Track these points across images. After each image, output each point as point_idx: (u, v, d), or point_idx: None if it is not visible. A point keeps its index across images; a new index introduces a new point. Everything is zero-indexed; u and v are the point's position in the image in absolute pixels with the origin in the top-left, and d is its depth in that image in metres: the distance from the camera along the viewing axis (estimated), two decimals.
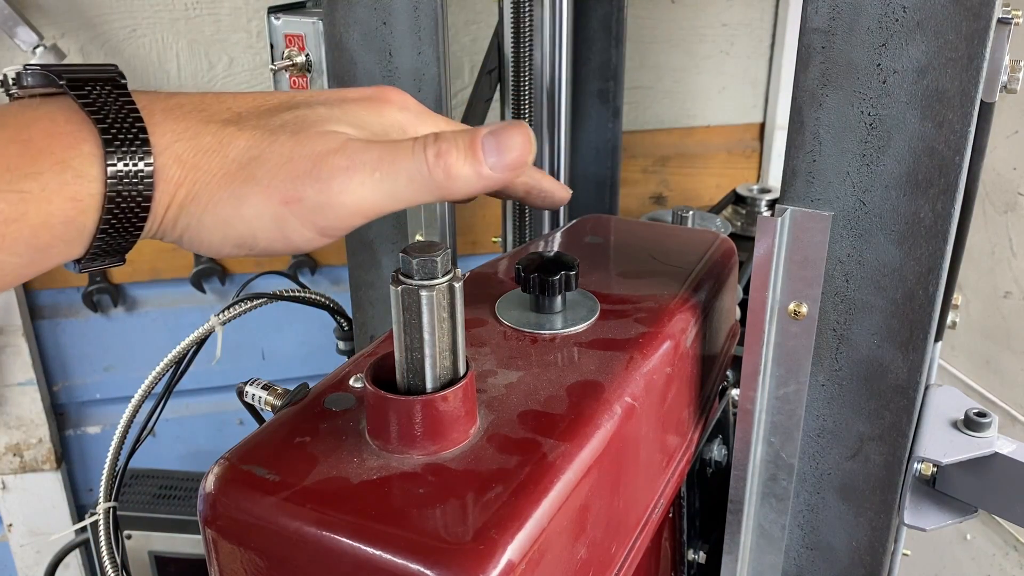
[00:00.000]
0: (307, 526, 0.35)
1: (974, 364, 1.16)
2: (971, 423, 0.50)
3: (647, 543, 0.47)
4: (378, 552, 0.33)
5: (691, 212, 0.96)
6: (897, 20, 0.41)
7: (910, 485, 0.49)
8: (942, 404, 0.52)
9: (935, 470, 0.48)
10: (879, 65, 0.42)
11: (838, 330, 0.48)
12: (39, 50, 1.04)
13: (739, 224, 1.15)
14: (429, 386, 0.37)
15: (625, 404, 0.43)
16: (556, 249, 0.53)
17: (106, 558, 0.57)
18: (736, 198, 1.20)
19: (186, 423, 1.36)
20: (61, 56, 1.06)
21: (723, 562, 0.55)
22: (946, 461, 0.48)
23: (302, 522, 0.35)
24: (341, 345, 0.78)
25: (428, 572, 0.32)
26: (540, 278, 0.48)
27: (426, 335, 0.36)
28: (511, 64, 0.79)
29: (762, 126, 1.42)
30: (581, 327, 0.49)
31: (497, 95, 0.85)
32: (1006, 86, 0.45)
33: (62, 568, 1.15)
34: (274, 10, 0.67)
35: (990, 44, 0.40)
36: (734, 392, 0.60)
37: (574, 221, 0.67)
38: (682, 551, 0.60)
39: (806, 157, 0.46)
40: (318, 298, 0.65)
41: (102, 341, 1.29)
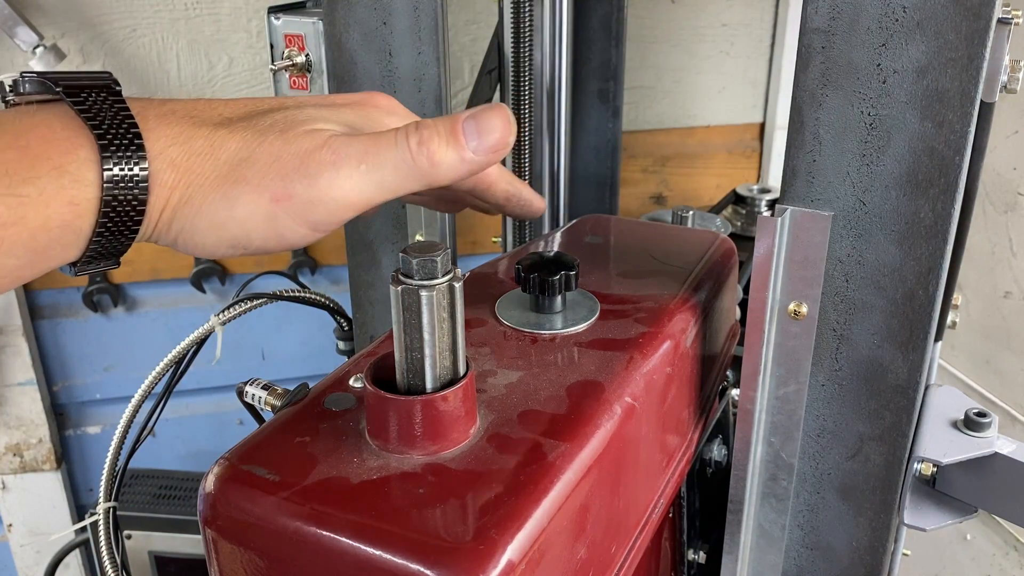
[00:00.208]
0: (307, 526, 0.35)
1: (974, 364, 1.16)
2: (971, 423, 0.50)
3: (647, 543, 0.47)
4: (378, 552, 0.33)
5: (691, 212, 0.96)
6: (897, 20, 0.41)
7: (910, 485, 0.49)
8: (942, 404, 0.52)
9: (935, 470, 0.48)
10: (879, 65, 0.42)
11: (838, 330, 0.48)
12: (39, 50, 1.04)
13: (739, 224, 1.15)
14: (429, 386, 0.37)
15: (625, 404, 0.43)
16: (556, 249, 0.53)
17: (106, 558, 0.57)
18: (736, 198, 1.20)
19: (186, 423, 1.36)
20: (61, 56, 1.06)
21: (723, 562, 0.55)
22: (946, 461, 0.48)
23: (302, 522, 0.35)
24: (341, 345, 0.78)
25: (428, 572, 0.32)
26: (540, 278, 0.48)
27: (426, 335, 0.36)
28: (511, 64, 0.79)
29: (762, 126, 1.42)
30: (581, 327, 0.49)
31: (497, 95, 0.85)
32: (1006, 86, 0.45)
33: (62, 568, 1.15)
34: (274, 10, 0.67)
35: (990, 44, 0.40)
36: (734, 392, 0.60)
37: (574, 221, 0.67)
38: (682, 551, 0.60)
39: (806, 157, 0.46)
40: (318, 298, 0.65)
41: (102, 341, 1.29)
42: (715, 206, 1.20)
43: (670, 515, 0.58)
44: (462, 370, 0.38)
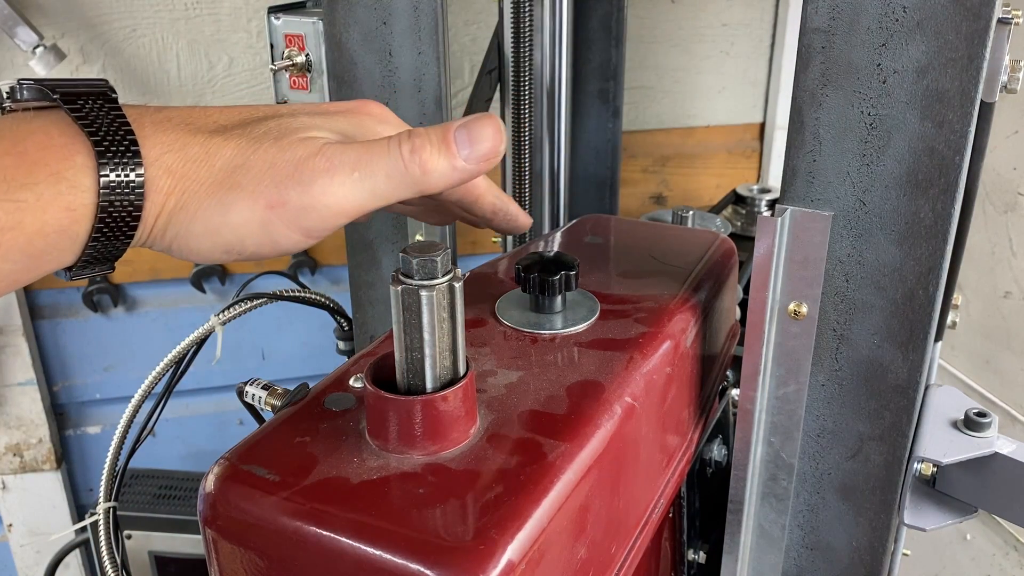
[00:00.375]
0: (307, 526, 0.35)
1: (974, 364, 1.16)
2: (971, 423, 0.50)
3: (647, 543, 0.47)
4: (378, 552, 0.33)
5: (691, 212, 0.96)
6: (897, 20, 0.41)
7: (910, 485, 0.49)
8: (942, 404, 0.52)
9: (935, 470, 0.48)
10: (879, 65, 0.42)
11: (838, 330, 0.48)
12: (39, 50, 1.04)
13: (739, 224, 1.15)
14: (429, 386, 0.37)
15: (625, 404, 0.43)
16: (556, 249, 0.53)
17: (106, 558, 0.57)
18: (736, 198, 1.20)
19: (186, 423, 1.36)
20: (61, 56, 1.06)
21: (723, 562, 0.55)
22: (946, 461, 0.48)
23: (302, 522, 0.35)
24: (341, 345, 0.78)
25: (428, 572, 0.32)
26: (540, 278, 0.48)
27: (426, 335, 0.37)
28: (511, 64, 0.79)
29: (762, 126, 1.42)
30: (581, 327, 0.49)
31: (497, 95, 0.85)
32: (1006, 86, 0.45)
33: (62, 568, 1.15)
34: (274, 10, 0.67)
35: (990, 44, 0.40)
36: (734, 392, 0.60)
37: (574, 221, 0.67)
38: (682, 551, 0.60)
39: (806, 157, 0.46)
40: (318, 298, 0.65)
41: (102, 341, 1.29)
42: (715, 206, 1.20)
43: (670, 515, 0.58)
44: (462, 370, 0.38)
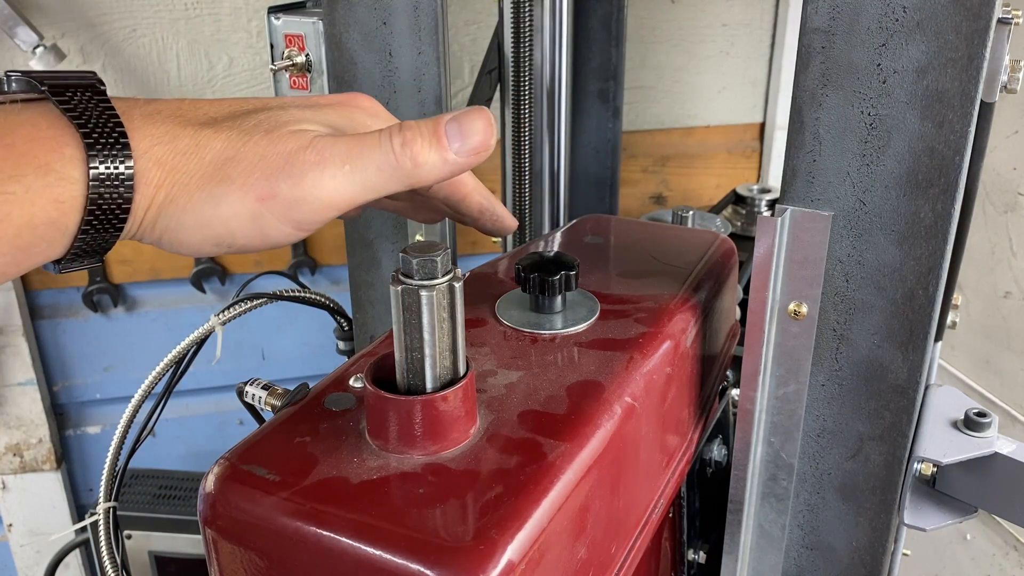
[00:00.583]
0: (307, 526, 0.35)
1: (974, 364, 1.16)
2: (971, 423, 0.50)
3: (647, 543, 0.47)
4: (378, 552, 0.33)
5: (691, 212, 0.96)
6: (897, 20, 0.41)
7: (910, 485, 0.49)
8: (942, 404, 0.52)
9: (935, 470, 0.48)
10: (879, 65, 0.42)
11: (838, 330, 0.48)
12: (39, 50, 1.04)
13: (739, 224, 1.15)
14: (429, 386, 0.37)
15: (625, 404, 0.43)
16: (556, 249, 0.53)
17: (106, 558, 0.57)
18: (736, 198, 1.20)
19: (186, 423, 1.36)
20: (61, 56, 1.06)
21: (723, 562, 0.55)
22: (946, 461, 0.48)
23: (302, 522, 0.35)
24: (341, 345, 0.78)
25: (428, 572, 0.32)
26: (540, 278, 0.48)
27: (426, 335, 0.36)
28: (511, 64, 0.79)
29: (762, 126, 1.42)
30: (581, 327, 0.49)
31: (497, 95, 0.85)
32: (1006, 86, 0.45)
33: (62, 568, 1.15)
34: (274, 10, 0.67)
35: (990, 44, 0.40)
36: (734, 392, 0.60)
37: (574, 221, 0.67)
38: (682, 551, 0.60)
39: (806, 157, 0.46)
40: (318, 298, 0.65)
41: (102, 341, 1.29)
42: (715, 206, 1.20)
43: (670, 515, 0.58)
44: (462, 370, 0.38)
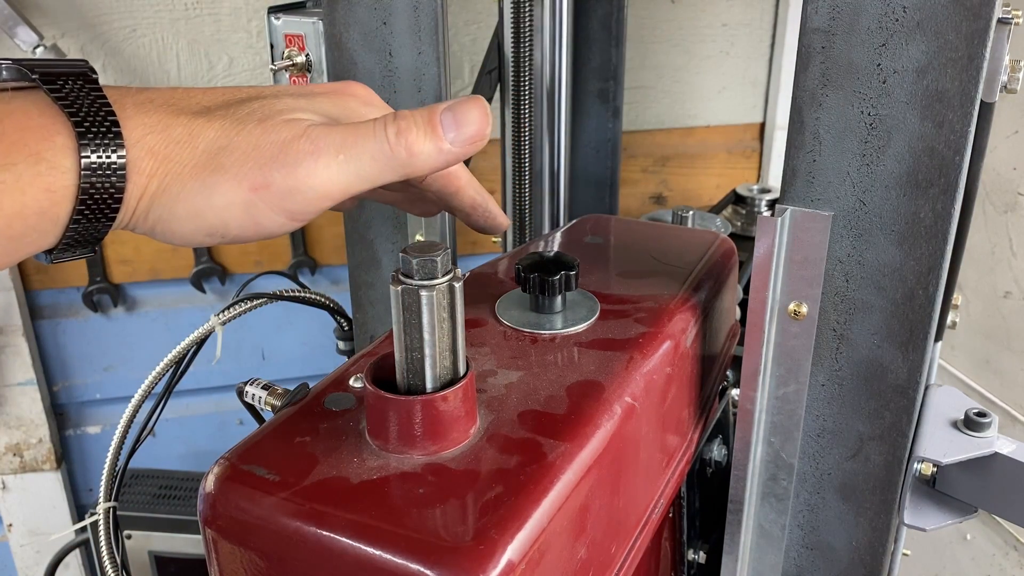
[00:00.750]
0: (307, 526, 0.35)
1: (974, 364, 1.16)
2: (971, 423, 0.50)
3: (647, 543, 0.47)
4: (378, 552, 0.33)
5: (691, 212, 0.96)
6: (897, 20, 0.41)
7: (910, 485, 0.49)
8: (942, 404, 0.52)
9: (935, 470, 0.48)
10: (879, 65, 0.42)
11: (838, 330, 0.48)
12: (39, 50, 1.04)
13: (739, 224, 1.15)
14: (429, 386, 0.37)
15: (625, 404, 0.43)
16: (556, 249, 0.53)
17: (106, 558, 0.57)
18: (736, 198, 1.20)
19: (186, 423, 1.36)
20: (61, 56, 1.06)
21: (723, 562, 0.55)
22: (946, 461, 0.48)
23: (302, 522, 0.35)
24: (341, 345, 0.78)
25: (428, 572, 0.32)
26: (540, 278, 0.48)
27: (426, 335, 0.36)
28: (511, 64, 0.79)
29: (762, 126, 1.42)
30: (581, 327, 0.49)
31: (497, 95, 0.85)
32: (1006, 86, 0.45)
33: (62, 568, 1.15)
34: (274, 10, 0.67)
35: (990, 44, 0.40)
36: (734, 392, 0.60)
37: (574, 221, 0.67)
38: (682, 551, 0.60)
39: (806, 157, 0.46)
40: (318, 298, 0.65)
41: (102, 341, 1.29)
42: (715, 206, 1.20)
43: (670, 515, 0.58)
44: (462, 370, 0.38)
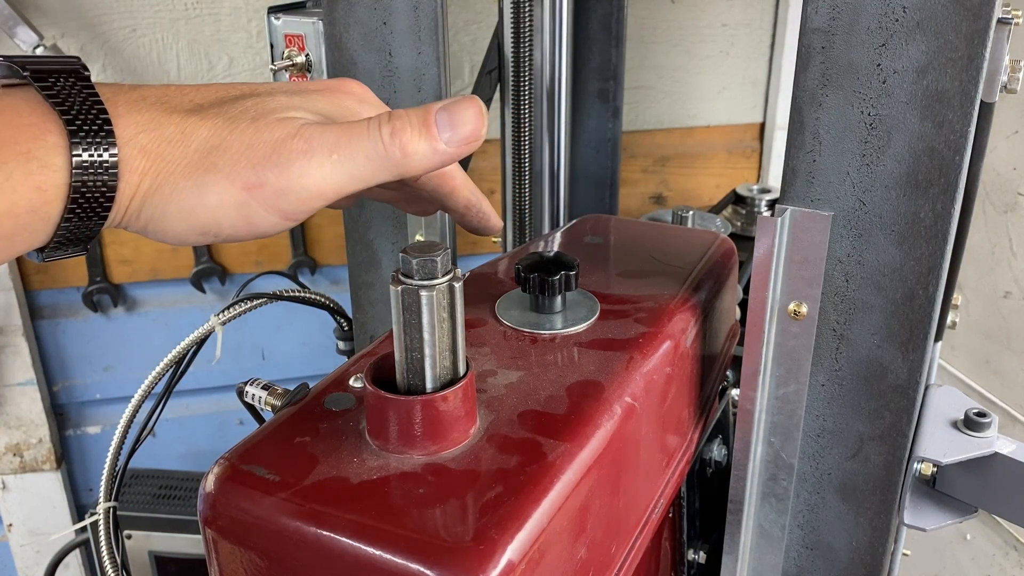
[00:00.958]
0: (307, 526, 0.35)
1: (974, 364, 1.16)
2: (971, 423, 0.50)
3: (647, 543, 0.47)
4: (378, 552, 0.33)
5: (691, 212, 0.96)
6: (897, 20, 0.41)
7: (910, 485, 0.49)
8: (942, 404, 0.52)
9: (935, 470, 0.48)
10: (879, 65, 0.42)
11: (838, 330, 0.48)
12: (39, 50, 1.04)
13: (739, 224, 1.15)
14: (429, 386, 0.37)
15: (625, 404, 0.43)
16: (556, 249, 0.53)
17: (106, 558, 0.57)
18: (736, 198, 1.20)
19: (186, 423, 1.36)
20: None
21: (723, 562, 0.55)
22: (946, 461, 0.48)
23: (302, 522, 0.35)
24: (341, 345, 0.78)
25: (428, 572, 0.32)
26: (540, 278, 0.48)
27: (426, 335, 0.36)
28: (511, 64, 0.79)
29: (762, 126, 1.42)
30: (581, 327, 0.49)
31: (497, 95, 0.85)
32: (1006, 86, 0.45)
33: (62, 568, 1.15)
34: (274, 10, 0.67)
35: (990, 44, 0.40)
36: (734, 392, 0.60)
37: (574, 221, 0.67)
38: (682, 551, 0.60)
39: (806, 157, 0.46)
40: (318, 298, 0.65)
41: (102, 341, 1.29)
42: (715, 206, 1.20)
43: (670, 515, 0.58)
44: (462, 370, 0.38)
